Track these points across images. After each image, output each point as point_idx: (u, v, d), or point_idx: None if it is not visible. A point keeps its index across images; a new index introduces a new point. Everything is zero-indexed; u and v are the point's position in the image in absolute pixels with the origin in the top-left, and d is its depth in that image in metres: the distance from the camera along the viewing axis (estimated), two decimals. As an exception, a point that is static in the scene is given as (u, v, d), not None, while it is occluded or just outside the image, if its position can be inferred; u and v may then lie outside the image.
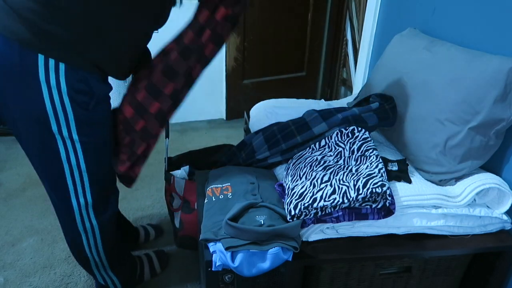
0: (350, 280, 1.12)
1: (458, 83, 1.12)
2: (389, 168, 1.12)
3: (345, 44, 2.81)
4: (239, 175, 1.17)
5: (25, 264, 1.59)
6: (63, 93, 0.96)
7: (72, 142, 1.03)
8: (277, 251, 0.93)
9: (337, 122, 1.20)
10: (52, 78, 0.94)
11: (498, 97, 1.04)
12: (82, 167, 1.08)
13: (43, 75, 0.93)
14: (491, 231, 1.12)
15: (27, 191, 2.06)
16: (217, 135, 2.79)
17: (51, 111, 0.97)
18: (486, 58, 1.10)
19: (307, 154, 1.20)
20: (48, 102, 0.96)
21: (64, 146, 1.03)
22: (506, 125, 1.07)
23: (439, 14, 1.44)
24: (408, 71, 1.30)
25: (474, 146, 1.09)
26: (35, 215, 1.88)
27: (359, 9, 2.55)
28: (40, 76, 0.93)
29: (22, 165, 2.30)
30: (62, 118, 0.99)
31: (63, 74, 0.95)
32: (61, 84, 0.95)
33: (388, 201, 0.98)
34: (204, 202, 1.12)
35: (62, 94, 0.96)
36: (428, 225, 1.07)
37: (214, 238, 0.95)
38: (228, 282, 1.01)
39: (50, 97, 0.96)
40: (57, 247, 1.68)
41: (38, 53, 0.91)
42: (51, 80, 0.94)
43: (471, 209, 1.09)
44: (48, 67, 0.93)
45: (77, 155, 1.06)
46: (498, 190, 1.09)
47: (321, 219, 1.02)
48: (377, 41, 1.93)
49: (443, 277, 1.18)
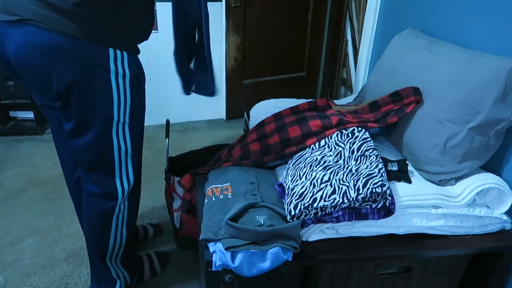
0: (350, 280, 1.12)
1: (458, 83, 1.11)
2: (389, 168, 1.12)
3: (345, 44, 2.80)
4: (239, 175, 1.17)
5: (25, 264, 1.59)
6: (126, 81, 1.06)
7: (122, 125, 1.12)
8: (277, 251, 0.93)
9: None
10: (119, 67, 1.03)
11: (498, 97, 1.04)
12: (128, 148, 1.16)
13: (113, 67, 1.02)
14: (491, 231, 1.12)
15: (27, 191, 2.06)
16: (217, 135, 2.79)
17: (116, 99, 1.06)
18: (486, 58, 1.10)
19: (307, 154, 1.20)
20: (115, 91, 1.05)
21: (117, 128, 1.11)
22: (506, 125, 1.07)
23: (439, 14, 1.44)
24: (408, 71, 1.30)
25: (474, 146, 1.09)
26: (35, 215, 1.88)
27: (359, 9, 2.55)
28: (111, 68, 1.01)
29: (22, 165, 2.30)
30: (122, 104, 1.08)
31: (126, 62, 1.04)
32: (126, 72, 1.05)
33: (388, 201, 0.98)
34: (204, 202, 1.12)
35: (126, 82, 1.06)
36: (428, 225, 1.07)
37: (214, 238, 0.95)
38: (228, 282, 1.01)
39: (117, 86, 1.05)
40: (57, 247, 1.68)
41: (109, 47, 1.00)
42: (119, 70, 1.03)
43: (471, 209, 1.09)
44: (117, 58, 1.02)
45: (125, 136, 1.14)
46: (498, 190, 1.09)
47: (321, 219, 1.02)
48: (377, 41, 1.93)
49: (443, 277, 1.18)
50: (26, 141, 2.58)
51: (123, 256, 1.35)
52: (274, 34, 2.85)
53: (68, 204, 1.94)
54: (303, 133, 1.24)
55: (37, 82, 1.03)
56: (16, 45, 0.97)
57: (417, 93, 1.21)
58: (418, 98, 1.20)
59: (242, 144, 1.32)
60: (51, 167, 2.27)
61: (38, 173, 2.22)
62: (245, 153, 1.28)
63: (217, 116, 3.06)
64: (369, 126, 1.23)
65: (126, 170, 1.19)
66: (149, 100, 3.15)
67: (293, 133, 1.24)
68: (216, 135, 2.79)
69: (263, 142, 1.27)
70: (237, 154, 1.30)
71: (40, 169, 2.25)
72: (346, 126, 1.22)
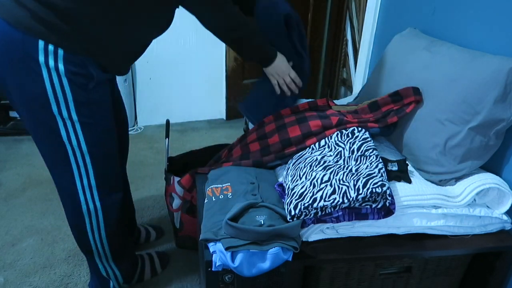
0: (350, 280, 1.12)
1: (458, 83, 1.11)
2: (389, 168, 1.12)
3: (345, 44, 2.81)
4: (239, 175, 1.17)
5: (25, 264, 1.59)
6: (61, 75, 1.01)
7: (72, 123, 1.07)
8: (277, 251, 0.93)
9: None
10: (51, 61, 0.99)
11: (498, 97, 1.04)
12: (83, 148, 1.12)
13: (43, 59, 0.98)
14: (491, 231, 1.12)
15: (27, 191, 2.06)
16: (217, 135, 2.79)
17: (51, 93, 1.02)
18: (486, 58, 1.10)
19: (307, 154, 1.20)
20: (48, 84, 1.01)
21: (65, 126, 1.07)
22: (506, 125, 1.07)
23: (439, 14, 1.44)
24: (408, 71, 1.30)
25: (474, 146, 1.09)
26: (35, 215, 1.88)
27: (359, 9, 2.55)
28: (40, 59, 0.98)
29: (22, 165, 2.30)
30: (62, 99, 1.04)
31: (61, 58, 1.00)
32: (59, 67, 1.00)
33: (388, 201, 0.98)
34: (204, 202, 1.12)
35: (61, 76, 1.01)
36: (428, 225, 1.07)
37: (214, 238, 0.95)
38: (228, 282, 1.01)
39: (50, 79, 1.01)
40: (57, 247, 1.68)
41: (39, 38, 0.97)
42: (50, 63, 0.99)
43: (471, 209, 1.09)
44: (48, 51, 0.98)
45: (77, 135, 1.10)
46: (498, 190, 1.09)
47: (321, 219, 1.02)
48: (377, 41, 1.93)
49: (443, 277, 1.18)
50: (26, 141, 2.58)
51: (115, 255, 1.33)
52: (274, 34, 2.84)
53: (68, 204, 1.94)
54: (303, 133, 1.24)
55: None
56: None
57: (417, 93, 1.21)
58: (418, 98, 1.20)
59: (242, 144, 1.32)
60: (51, 167, 2.27)
61: (38, 173, 2.23)
62: (245, 153, 1.28)
63: (217, 116, 3.06)
64: (369, 126, 1.23)
65: (86, 171, 1.15)
66: (149, 100, 3.15)
67: (293, 133, 1.24)
68: (216, 135, 2.79)
69: (263, 142, 1.27)
70: (237, 154, 1.30)
71: (40, 169, 2.26)
72: (346, 126, 1.23)
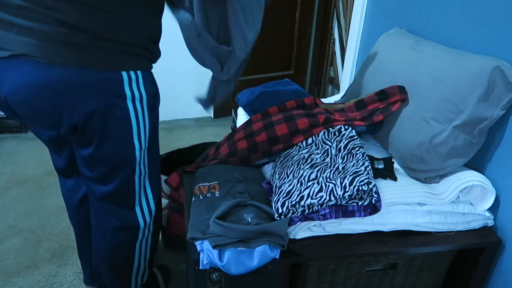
0: (337, 277, 1.13)
1: (442, 82, 1.13)
2: (375, 166, 1.13)
3: (333, 43, 2.82)
4: (227, 174, 1.17)
5: (8, 265, 1.56)
6: (144, 103, 0.96)
7: (143, 152, 1.04)
8: (265, 249, 0.93)
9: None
10: (135, 89, 0.92)
11: (481, 96, 1.06)
12: (146, 174, 1.10)
13: (128, 90, 0.91)
14: (474, 227, 1.14)
15: (10, 190, 2.02)
16: (205, 133, 2.78)
17: (135, 128, 0.97)
18: (469, 57, 1.11)
19: (294, 152, 1.20)
20: (133, 118, 0.95)
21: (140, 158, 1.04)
22: (489, 123, 1.09)
23: (424, 14, 1.46)
24: (394, 70, 1.32)
25: (458, 144, 1.11)
26: (19, 214, 1.84)
27: (346, 8, 2.56)
28: (126, 92, 0.91)
29: (5, 164, 2.25)
30: (142, 132, 0.99)
31: (142, 81, 0.94)
32: (142, 93, 0.94)
33: (374, 199, 0.99)
34: (191, 200, 1.12)
35: (143, 104, 0.96)
36: (413, 222, 1.09)
37: (201, 236, 0.95)
38: (216, 280, 1.00)
39: (135, 111, 0.95)
40: (42, 246, 1.66)
41: (120, 70, 0.89)
42: (135, 92, 0.93)
43: (455, 206, 1.10)
44: (131, 81, 0.91)
45: (145, 163, 1.07)
46: (481, 187, 1.11)
47: (308, 216, 1.02)
48: (364, 40, 1.95)
49: (428, 273, 1.20)
50: (10, 139, 2.53)
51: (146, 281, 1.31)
52: (262, 33, 2.83)
53: (52, 203, 1.91)
54: (290, 131, 1.24)
55: (44, 120, 0.93)
56: (14, 86, 0.85)
57: (402, 92, 1.22)
58: (404, 97, 1.22)
59: (229, 142, 1.32)
60: (35, 166, 2.23)
61: (22, 171, 2.19)
62: (232, 151, 1.28)
63: (204, 114, 3.05)
64: (356, 124, 1.24)
65: (146, 196, 1.13)
66: (136, 98, 3.04)
67: (281, 131, 1.25)
68: (204, 133, 2.78)
69: (251, 140, 1.27)
70: (224, 152, 1.29)
71: (24, 168, 2.21)
72: (333, 124, 1.23)
